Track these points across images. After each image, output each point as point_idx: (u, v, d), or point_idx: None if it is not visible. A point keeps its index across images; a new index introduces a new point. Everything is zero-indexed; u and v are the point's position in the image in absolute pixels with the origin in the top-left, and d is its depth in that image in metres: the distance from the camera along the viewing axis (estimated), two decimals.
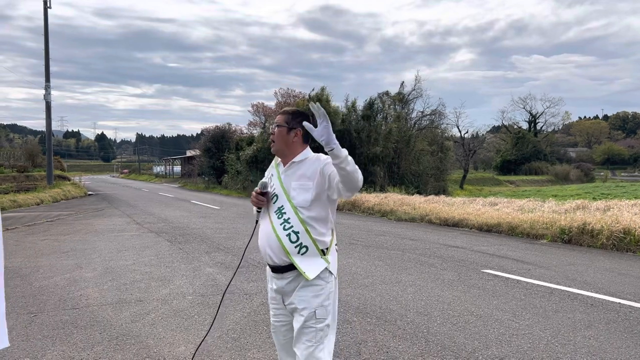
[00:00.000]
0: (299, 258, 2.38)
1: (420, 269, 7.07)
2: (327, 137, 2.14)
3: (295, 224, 2.37)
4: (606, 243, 8.84)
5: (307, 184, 2.41)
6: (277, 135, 2.49)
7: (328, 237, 2.44)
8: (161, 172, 75.25)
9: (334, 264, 2.46)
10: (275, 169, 2.57)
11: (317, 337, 2.35)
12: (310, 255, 2.38)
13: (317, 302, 2.37)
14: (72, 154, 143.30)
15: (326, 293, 2.40)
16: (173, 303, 5.37)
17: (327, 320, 2.39)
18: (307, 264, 2.38)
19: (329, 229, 2.47)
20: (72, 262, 7.74)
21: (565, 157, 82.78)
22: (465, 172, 52.22)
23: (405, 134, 30.32)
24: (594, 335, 4.27)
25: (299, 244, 2.37)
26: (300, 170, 2.46)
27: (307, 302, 2.37)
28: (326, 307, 2.39)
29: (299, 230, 2.37)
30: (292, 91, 40.30)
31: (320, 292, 2.38)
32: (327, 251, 2.43)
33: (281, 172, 2.52)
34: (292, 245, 2.37)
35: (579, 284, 6.16)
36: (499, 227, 11.13)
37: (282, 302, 2.50)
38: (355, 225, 12.75)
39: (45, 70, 27.32)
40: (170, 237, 10.37)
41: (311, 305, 2.37)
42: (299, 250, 2.37)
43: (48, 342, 4.21)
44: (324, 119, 2.13)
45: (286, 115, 2.51)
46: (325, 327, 2.38)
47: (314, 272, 2.37)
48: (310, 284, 2.38)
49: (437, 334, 4.30)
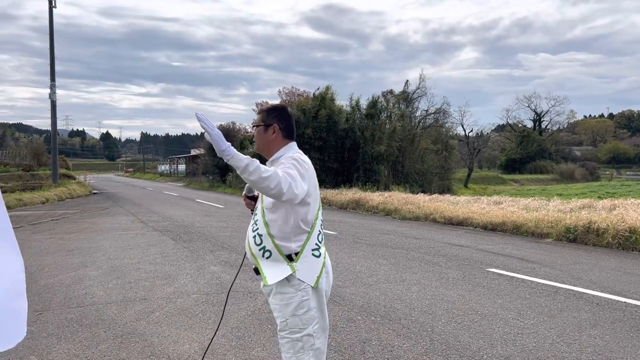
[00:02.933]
0: (263, 262, 2.31)
1: (425, 268, 7.06)
2: (216, 146, 1.98)
3: (260, 226, 2.31)
4: (612, 242, 8.80)
5: None
6: (256, 135, 2.46)
7: (295, 244, 2.29)
8: (166, 171, 75.40)
9: (307, 272, 2.29)
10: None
11: (296, 347, 2.26)
12: (274, 260, 2.28)
13: (288, 311, 2.26)
14: (77, 153, 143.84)
15: (297, 302, 2.25)
16: (177, 301, 5.38)
17: (305, 330, 2.26)
18: (270, 268, 2.29)
19: (296, 234, 2.29)
20: (77, 261, 7.77)
21: (570, 155, 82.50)
22: (469, 170, 52.09)
23: (410, 132, 30.28)
24: (600, 335, 4.25)
25: (262, 247, 2.30)
26: None
27: (279, 310, 2.29)
28: (300, 316, 2.26)
29: (263, 233, 2.29)
30: (296, 90, 40.28)
31: (290, 301, 2.26)
32: (297, 257, 2.28)
33: None
34: (257, 247, 2.32)
35: (584, 283, 6.13)
36: (504, 226, 11.10)
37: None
38: (359, 224, 12.74)
39: (51, 69, 27.42)
40: (174, 236, 10.39)
41: (283, 314, 2.27)
42: (263, 253, 2.30)
43: (53, 340, 4.22)
44: (206, 129, 1.97)
45: (262, 113, 2.46)
46: (304, 337, 2.26)
47: (274, 278, 2.26)
48: (279, 291, 2.28)
49: (441, 333, 4.29)
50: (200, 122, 1.97)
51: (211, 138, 1.96)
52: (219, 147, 1.97)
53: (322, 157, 25.25)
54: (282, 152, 2.39)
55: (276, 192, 2.05)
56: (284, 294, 2.27)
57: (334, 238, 10.10)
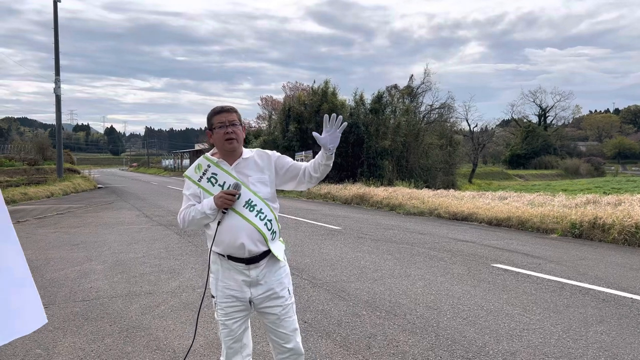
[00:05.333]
0: (271, 243, 2.55)
1: (430, 263, 7.04)
2: (335, 145, 2.47)
3: (267, 213, 2.53)
4: (618, 238, 8.75)
5: (263, 177, 2.57)
6: (238, 134, 2.54)
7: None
8: (170, 166, 75.56)
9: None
10: (218, 167, 2.56)
11: (294, 309, 2.65)
12: (276, 239, 2.60)
13: (288, 280, 2.64)
14: (82, 148, 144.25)
15: (289, 271, 2.70)
16: (182, 296, 5.39)
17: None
18: (277, 247, 2.59)
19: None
20: (83, 255, 7.79)
21: (576, 151, 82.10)
22: (474, 166, 51.99)
23: (414, 127, 30.21)
24: (606, 331, 4.22)
25: (272, 230, 2.55)
26: (250, 166, 2.57)
27: (283, 283, 2.60)
28: (291, 281, 2.69)
29: (272, 218, 2.54)
30: (300, 84, 40.32)
31: (288, 272, 2.67)
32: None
33: (229, 169, 2.54)
34: (269, 232, 2.53)
35: (590, 278, 6.10)
36: (509, 222, 11.06)
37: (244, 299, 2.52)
38: (363, 219, 12.72)
39: (55, 64, 27.46)
40: (179, 230, 10.40)
41: (285, 284, 2.61)
42: (272, 236, 2.55)
43: (59, 333, 4.24)
44: (339, 129, 2.46)
45: (236, 113, 2.58)
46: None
47: (282, 254, 2.61)
48: (281, 266, 2.61)
49: (447, 328, 4.28)
50: (339, 129, 2.46)
51: (338, 139, 2.48)
52: (336, 145, 2.47)
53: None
54: (249, 151, 2.65)
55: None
56: (285, 267, 2.65)
57: (338, 233, 10.09)
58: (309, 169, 2.57)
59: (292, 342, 2.59)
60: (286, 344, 2.58)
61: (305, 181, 2.60)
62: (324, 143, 2.45)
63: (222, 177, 2.53)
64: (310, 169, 2.57)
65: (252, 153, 2.63)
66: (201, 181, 2.56)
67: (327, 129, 2.45)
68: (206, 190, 2.54)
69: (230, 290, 2.53)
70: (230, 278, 2.54)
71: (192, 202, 2.56)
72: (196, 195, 2.57)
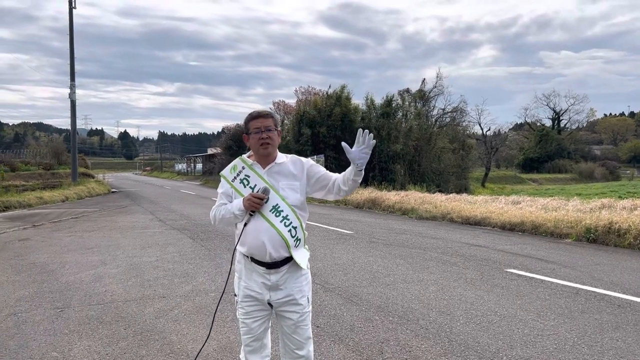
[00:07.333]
0: (294, 250, 2.56)
1: (442, 268, 7.01)
2: (364, 162, 2.44)
3: (293, 220, 2.55)
4: (634, 243, 8.64)
5: (294, 184, 2.59)
6: (274, 139, 2.58)
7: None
8: (183, 170, 75.99)
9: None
10: (251, 170, 2.62)
11: (310, 317, 2.67)
12: (300, 246, 2.61)
13: (308, 288, 2.65)
14: (96, 152, 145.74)
15: (310, 279, 2.70)
16: (196, 299, 5.42)
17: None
18: (300, 255, 2.60)
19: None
20: (97, 259, 7.87)
21: (590, 155, 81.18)
22: (487, 170, 51.63)
23: (426, 131, 30.11)
24: (622, 337, 4.17)
25: (296, 237, 2.56)
26: (283, 171, 2.60)
27: (303, 290, 2.61)
28: (310, 290, 2.70)
29: (297, 225, 2.56)
30: (313, 89, 40.36)
31: (309, 280, 2.68)
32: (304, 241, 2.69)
33: (262, 173, 2.59)
34: (292, 239, 2.54)
35: (605, 284, 6.03)
36: (522, 226, 10.97)
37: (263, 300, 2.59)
38: (375, 224, 12.70)
39: (71, 69, 27.81)
40: (192, 234, 10.47)
41: (305, 292, 2.63)
42: (296, 243, 2.56)
43: (74, 336, 4.29)
44: (367, 147, 2.41)
45: (273, 118, 2.62)
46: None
47: (305, 262, 2.62)
48: (302, 273, 2.62)
49: (460, 334, 4.26)
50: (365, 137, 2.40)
51: (369, 154, 2.44)
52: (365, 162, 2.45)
53: (337, 156, 25.24)
54: (283, 157, 2.67)
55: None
56: (307, 274, 2.65)
57: (350, 237, 10.08)
58: (338, 181, 2.58)
59: (304, 349, 2.62)
60: (298, 350, 2.62)
61: (334, 192, 2.61)
62: (352, 157, 2.43)
63: (254, 180, 2.60)
64: (340, 182, 2.57)
65: (287, 159, 2.66)
66: (234, 182, 2.64)
67: (358, 144, 2.42)
68: (238, 191, 2.62)
69: (249, 291, 2.60)
70: (251, 279, 2.60)
71: (224, 200, 2.66)
72: (228, 195, 2.66)
